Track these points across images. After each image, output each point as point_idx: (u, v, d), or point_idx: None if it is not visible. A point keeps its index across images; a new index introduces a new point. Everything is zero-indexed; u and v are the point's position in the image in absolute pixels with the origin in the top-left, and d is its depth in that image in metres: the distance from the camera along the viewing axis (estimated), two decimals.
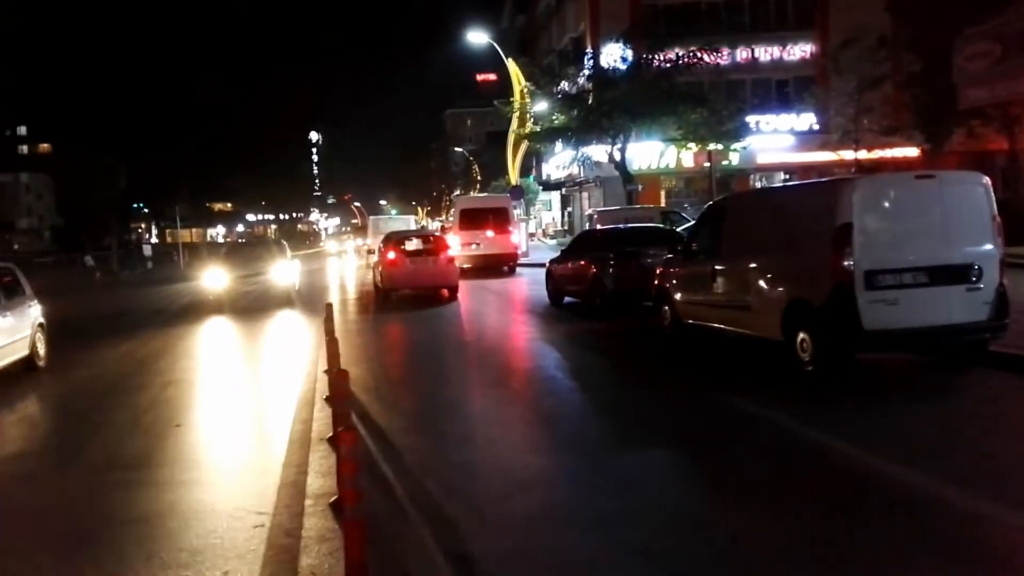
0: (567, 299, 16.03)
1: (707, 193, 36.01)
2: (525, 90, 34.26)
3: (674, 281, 11.15)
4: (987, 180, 8.18)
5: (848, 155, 31.15)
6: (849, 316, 7.70)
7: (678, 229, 18.42)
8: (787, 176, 37.52)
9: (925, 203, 7.95)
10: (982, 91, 18.22)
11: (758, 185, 37.39)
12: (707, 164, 33.26)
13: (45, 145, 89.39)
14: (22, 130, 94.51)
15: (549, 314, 15.32)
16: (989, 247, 7.97)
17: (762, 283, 8.97)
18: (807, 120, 35.28)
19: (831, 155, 31.82)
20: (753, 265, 9.15)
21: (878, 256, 7.76)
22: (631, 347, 11.16)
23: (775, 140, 35.38)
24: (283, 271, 19.72)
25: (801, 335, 8.29)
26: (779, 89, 36.51)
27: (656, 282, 11.73)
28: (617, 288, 13.59)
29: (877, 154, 31.41)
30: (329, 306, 9.54)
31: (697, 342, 10.59)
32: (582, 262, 14.75)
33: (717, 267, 9.85)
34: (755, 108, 33.85)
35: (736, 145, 30.25)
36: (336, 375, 5.76)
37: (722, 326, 9.87)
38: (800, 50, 35.79)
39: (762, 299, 8.95)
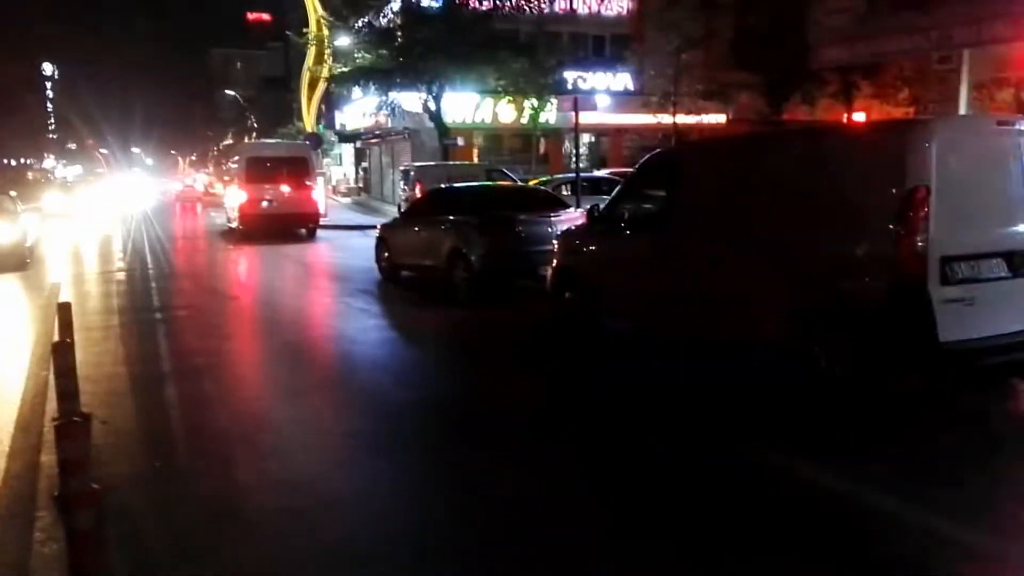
0: (404, 273, 12.59)
1: (521, 152, 33.79)
2: (322, 20, 29.40)
3: (591, 262, 8.18)
4: None
5: (666, 119, 30.11)
6: (921, 323, 5.20)
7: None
8: (593, 139, 36.03)
9: (1005, 161, 5.63)
10: (841, 50, 17.07)
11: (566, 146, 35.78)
12: (524, 120, 30.74)
13: None
14: None
15: (389, 294, 11.78)
16: None
17: (757, 271, 6.25)
18: (623, 80, 33.94)
19: (650, 118, 30.55)
20: (741, 244, 6.40)
21: (956, 236, 5.32)
22: (544, 353, 7.91)
23: (591, 99, 33.63)
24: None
25: (825, 346, 5.72)
26: (596, 45, 34.78)
27: (556, 261, 8.74)
28: (486, 263, 10.41)
29: (693, 119, 30.67)
30: (66, 307, 5.38)
31: (635, 347, 7.78)
32: (435, 228, 11.35)
33: (672, 246, 7.00)
34: (573, 64, 31.91)
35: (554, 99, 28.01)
36: None
37: (685, 329, 7.08)
38: (618, 5, 34.25)
39: (756, 294, 6.24)
